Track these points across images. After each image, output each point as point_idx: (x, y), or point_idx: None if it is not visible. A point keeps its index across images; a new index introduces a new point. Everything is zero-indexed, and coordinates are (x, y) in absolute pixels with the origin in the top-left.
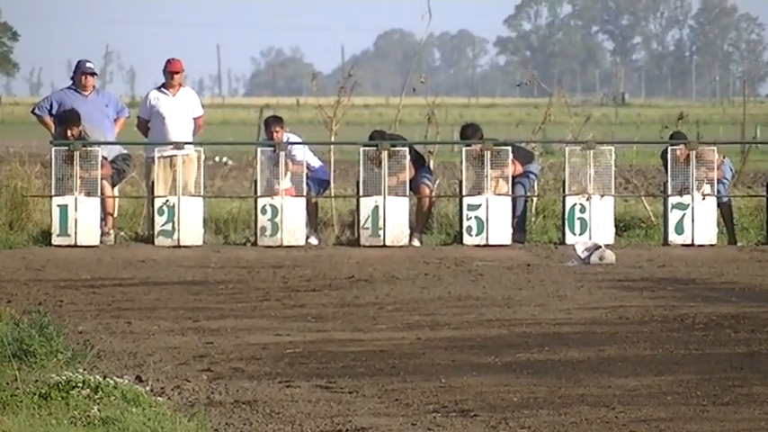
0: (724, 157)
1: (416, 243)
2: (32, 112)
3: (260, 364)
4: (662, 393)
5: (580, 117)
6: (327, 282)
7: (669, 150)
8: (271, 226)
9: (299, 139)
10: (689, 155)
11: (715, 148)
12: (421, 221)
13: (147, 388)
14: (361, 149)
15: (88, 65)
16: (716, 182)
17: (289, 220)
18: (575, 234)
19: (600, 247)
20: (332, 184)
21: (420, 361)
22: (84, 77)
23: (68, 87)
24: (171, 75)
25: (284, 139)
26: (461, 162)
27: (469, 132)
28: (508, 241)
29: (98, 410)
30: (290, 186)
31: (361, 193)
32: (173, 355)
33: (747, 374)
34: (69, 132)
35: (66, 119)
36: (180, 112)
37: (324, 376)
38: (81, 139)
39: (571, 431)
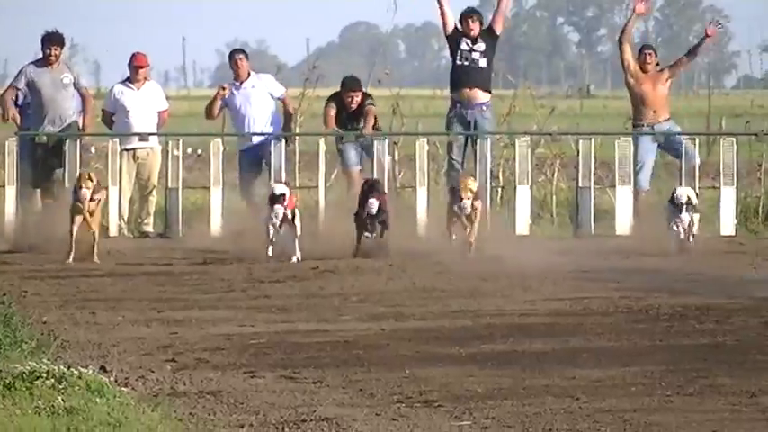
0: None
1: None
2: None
3: (224, 355)
4: (626, 384)
5: (545, 109)
6: (292, 273)
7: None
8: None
9: (271, 78)
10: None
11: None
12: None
13: (112, 378)
14: (322, 141)
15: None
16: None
17: None
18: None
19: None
20: (297, 174)
21: (384, 352)
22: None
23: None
24: (136, 69)
25: (252, 77)
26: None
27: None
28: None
29: (62, 400)
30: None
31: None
32: (137, 345)
33: (712, 365)
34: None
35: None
36: (144, 106)
37: (288, 367)
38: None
39: (535, 422)
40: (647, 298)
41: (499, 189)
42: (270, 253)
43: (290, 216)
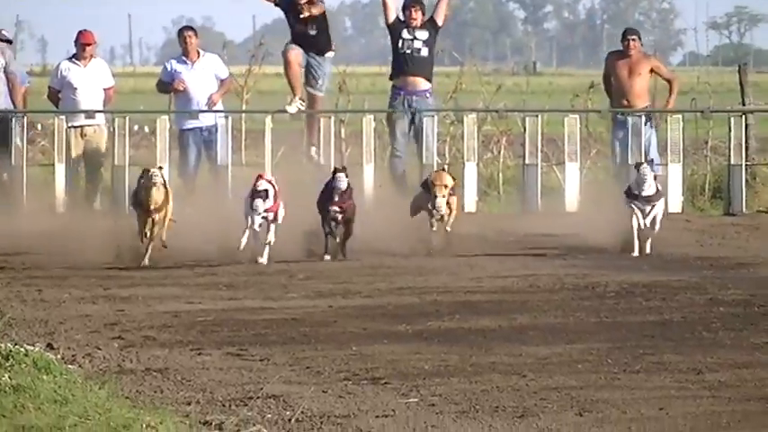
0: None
1: None
2: None
3: (171, 332)
4: (573, 362)
5: (492, 86)
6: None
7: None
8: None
9: (219, 60)
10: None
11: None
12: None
13: (59, 356)
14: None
15: (3, 32)
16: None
17: None
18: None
19: None
20: (243, 153)
21: (331, 329)
22: None
23: None
24: (82, 46)
25: (202, 57)
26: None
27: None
28: None
29: (9, 378)
30: None
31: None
32: (84, 323)
33: (658, 342)
34: None
35: None
36: (91, 82)
37: (235, 344)
38: None
39: (482, 399)
40: (593, 275)
41: (446, 166)
42: (242, 247)
43: (270, 217)
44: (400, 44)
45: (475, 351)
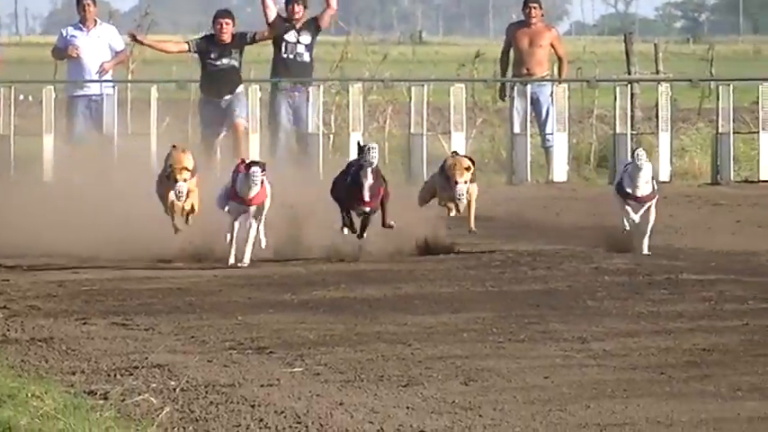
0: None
1: None
2: None
3: (56, 302)
4: (459, 331)
5: (378, 55)
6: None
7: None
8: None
9: (116, 31)
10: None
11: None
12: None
13: None
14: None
15: None
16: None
17: None
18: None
19: None
20: (129, 123)
21: (217, 298)
22: None
23: None
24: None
25: (99, 26)
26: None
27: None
28: None
29: None
30: None
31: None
32: None
33: (544, 311)
34: None
35: None
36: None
37: (120, 314)
38: None
39: (367, 368)
40: (479, 244)
41: (331, 136)
42: (232, 260)
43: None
44: (283, 48)
45: (360, 320)
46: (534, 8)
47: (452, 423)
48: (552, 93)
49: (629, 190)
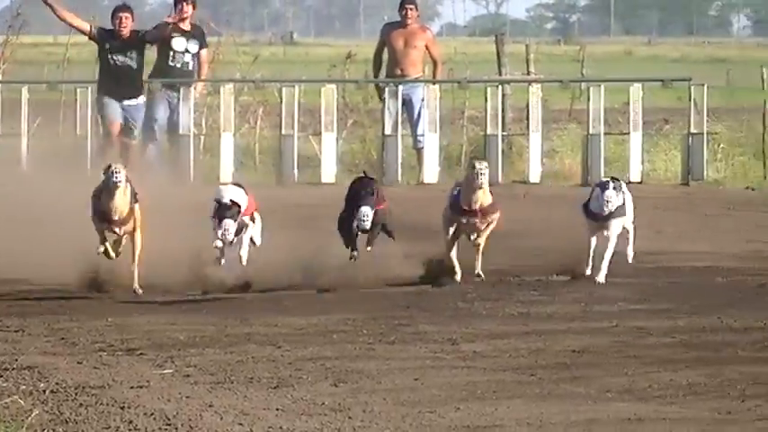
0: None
1: None
2: None
3: None
4: (329, 332)
5: (249, 56)
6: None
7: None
8: None
9: None
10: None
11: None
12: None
13: None
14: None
15: None
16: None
17: None
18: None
19: None
20: (0, 123)
21: (87, 301)
22: None
23: None
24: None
25: None
26: None
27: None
28: None
29: None
30: None
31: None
32: None
33: (414, 313)
34: None
35: None
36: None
37: None
38: None
39: (237, 369)
40: None
41: (202, 137)
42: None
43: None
44: (171, 57)
45: (231, 322)
46: (411, 9)
47: (322, 425)
48: (424, 94)
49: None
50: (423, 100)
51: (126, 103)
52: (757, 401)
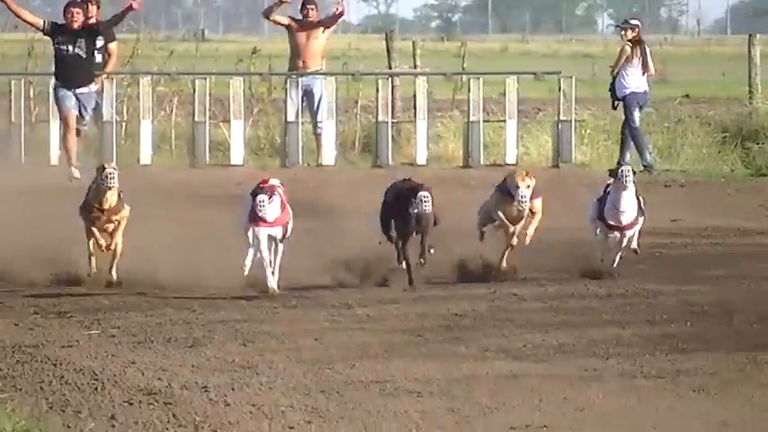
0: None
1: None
2: None
3: None
4: (239, 298)
5: (165, 51)
6: None
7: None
8: None
9: None
10: None
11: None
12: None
13: None
14: None
15: None
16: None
17: None
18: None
19: None
20: None
21: (25, 273)
22: None
23: None
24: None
25: None
26: None
27: None
28: None
29: None
30: None
31: None
32: None
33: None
34: None
35: None
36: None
37: None
38: None
39: (156, 331)
40: None
41: (124, 124)
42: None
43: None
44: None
45: (150, 289)
46: (311, 10)
47: (232, 380)
48: (322, 86)
49: (611, 221)
50: (322, 90)
51: (78, 90)
52: (619, 359)
